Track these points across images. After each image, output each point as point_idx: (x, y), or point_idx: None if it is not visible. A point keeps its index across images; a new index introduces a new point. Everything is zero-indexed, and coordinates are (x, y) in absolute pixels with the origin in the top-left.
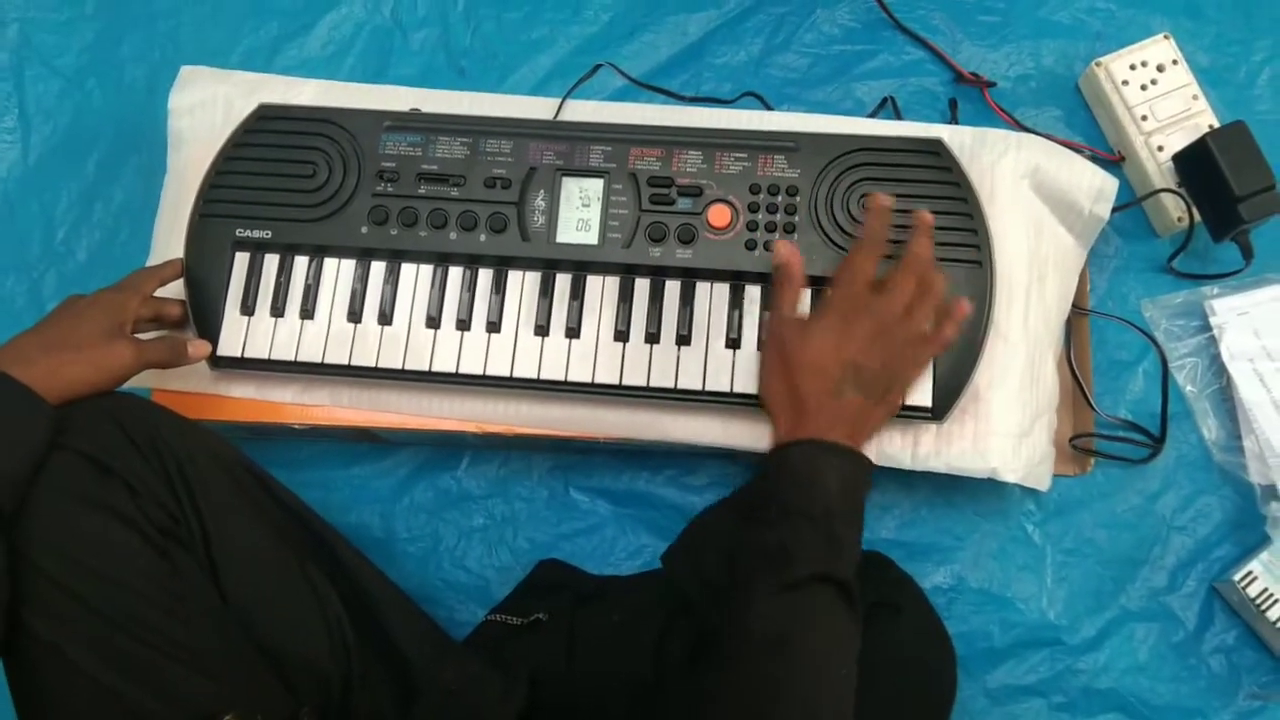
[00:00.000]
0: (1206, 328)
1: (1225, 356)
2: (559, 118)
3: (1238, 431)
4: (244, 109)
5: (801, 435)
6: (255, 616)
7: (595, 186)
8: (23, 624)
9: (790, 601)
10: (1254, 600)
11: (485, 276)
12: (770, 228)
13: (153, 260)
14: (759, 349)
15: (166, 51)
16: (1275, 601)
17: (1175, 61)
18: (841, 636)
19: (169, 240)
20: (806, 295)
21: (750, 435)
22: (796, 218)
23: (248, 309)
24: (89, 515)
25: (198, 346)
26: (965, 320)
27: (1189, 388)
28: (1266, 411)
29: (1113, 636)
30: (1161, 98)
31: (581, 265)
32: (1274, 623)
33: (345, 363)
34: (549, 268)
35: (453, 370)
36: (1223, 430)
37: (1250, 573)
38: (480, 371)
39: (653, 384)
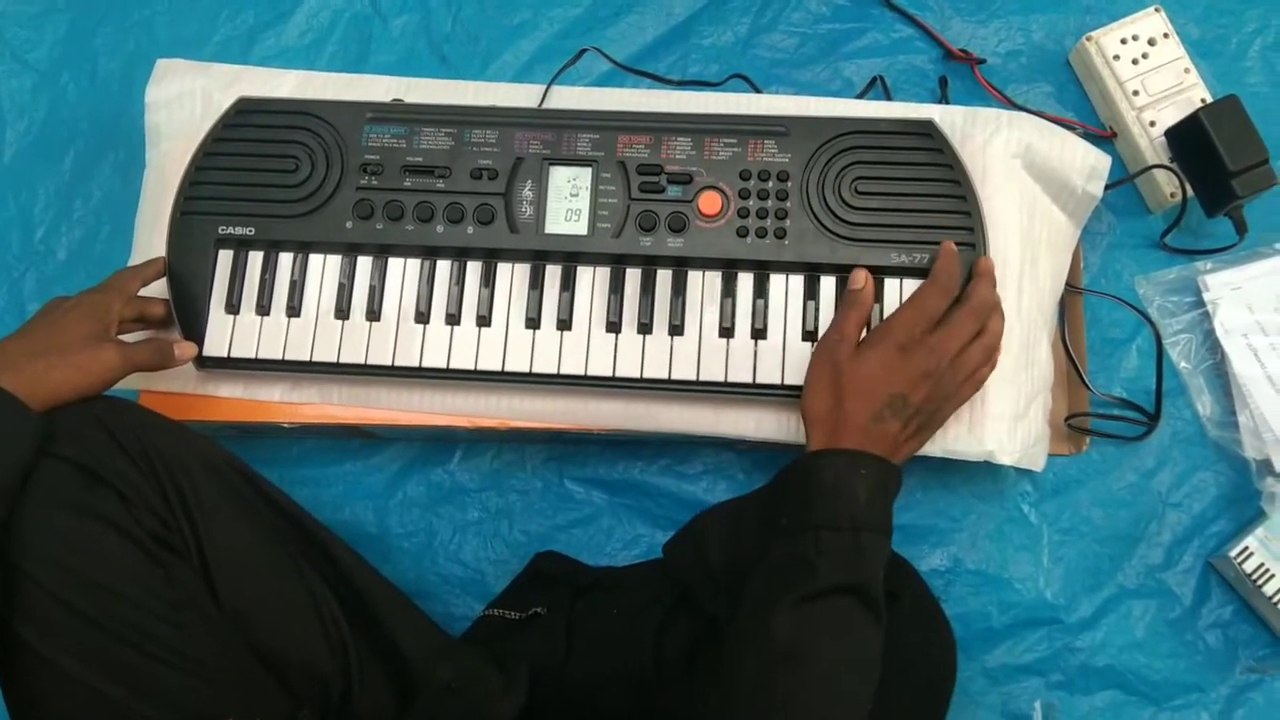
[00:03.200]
0: (1200, 303)
1: (1219, 332)
2: (544, 105)
3: (1232, 407)
4: (222, 102)
5: (835, 446)
6: (251, 620)
7: (584, 175)
8: (15, 635)
9: (808, 613)
10: (1250, 575)
11: (474, 269)
12: (761, 214)
13: (135, 259)
14: (752, 337)
15: (141, 42)
16: (1271, 576)
17: (1166, 35)
18: (860, 647)
19: (151, 238)
20: (801, 282)
21: (745, 424)
22: (788, 203)
23: (232, 307)
24: (80, 524)
25: (184, 348)
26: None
27: (1183, 364)
28: (1261, 386)
29: (1110, 614)
30: (1153, 72)
31: (572, 256)
32: (1270, 597)
33: (334, 360)
34: (538, 259)
35: (443, 365)
36: (1217, 406)
37: (1246, 548)
38: (471, 366)
39: (646, 375)
